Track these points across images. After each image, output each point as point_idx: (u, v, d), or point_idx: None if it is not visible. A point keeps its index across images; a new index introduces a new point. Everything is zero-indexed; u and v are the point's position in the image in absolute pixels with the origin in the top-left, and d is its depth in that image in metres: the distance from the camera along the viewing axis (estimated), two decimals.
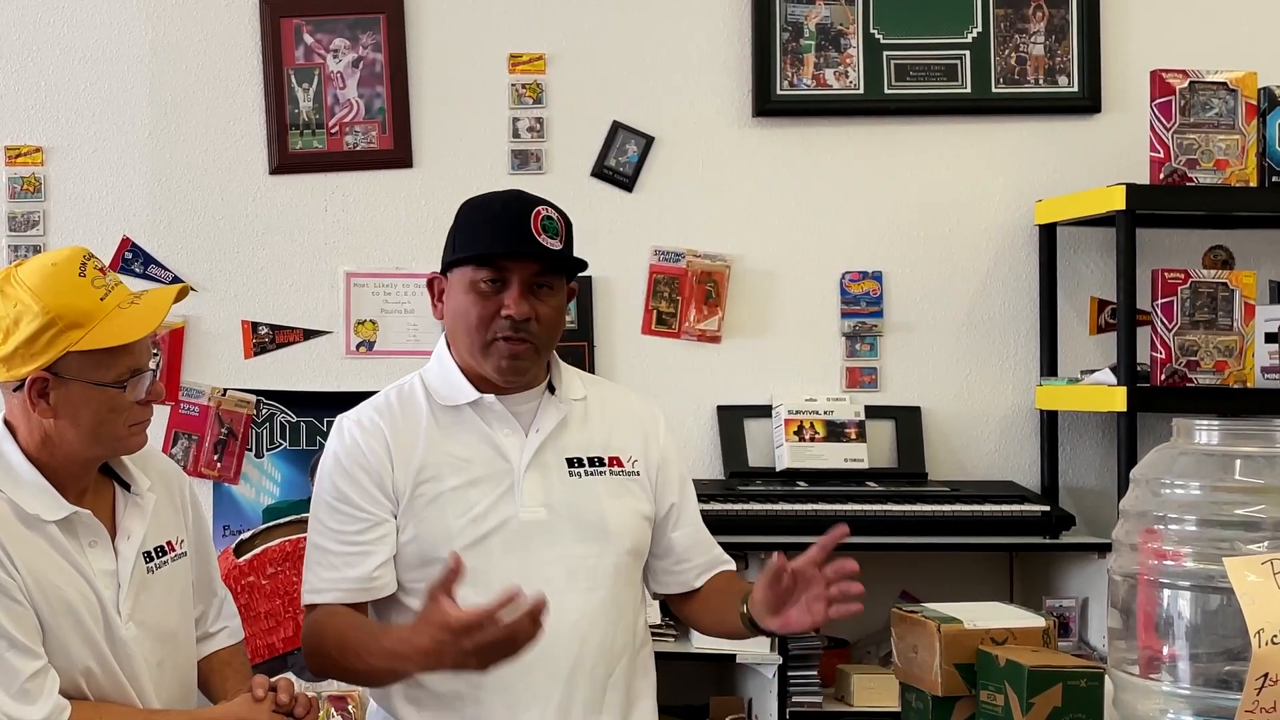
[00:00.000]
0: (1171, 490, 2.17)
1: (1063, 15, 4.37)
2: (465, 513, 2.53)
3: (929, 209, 4.38)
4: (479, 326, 2.53)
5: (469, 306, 2.54)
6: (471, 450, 2.56)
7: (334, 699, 3.87)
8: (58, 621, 2.33)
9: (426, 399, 2.61)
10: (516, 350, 2.53)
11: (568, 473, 2.58)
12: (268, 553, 3.98)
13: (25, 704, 2.27)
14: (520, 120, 4.34)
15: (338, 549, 2.55)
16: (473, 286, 2.53)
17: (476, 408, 2.58)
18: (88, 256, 2.38)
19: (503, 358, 2.53)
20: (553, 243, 2.52)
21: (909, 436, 4.30)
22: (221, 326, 4.29)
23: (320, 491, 2.60)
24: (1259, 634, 1.86)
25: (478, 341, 2.54)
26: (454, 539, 2.50)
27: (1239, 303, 3.94)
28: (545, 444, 2.58)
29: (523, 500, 2.54)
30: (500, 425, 2.57)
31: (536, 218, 2.52)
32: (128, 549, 2.43)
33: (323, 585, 2.56)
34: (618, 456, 2.63)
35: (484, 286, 2.52)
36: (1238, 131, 3.97)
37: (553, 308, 2.55)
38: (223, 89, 4.32)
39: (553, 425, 2.59)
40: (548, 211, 2.54)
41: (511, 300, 2.50)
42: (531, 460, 2.56)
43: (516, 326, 2.51)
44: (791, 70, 4.34)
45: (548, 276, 2.54)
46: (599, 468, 2.61)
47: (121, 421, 2.38)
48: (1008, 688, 2.12)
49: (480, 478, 2.55)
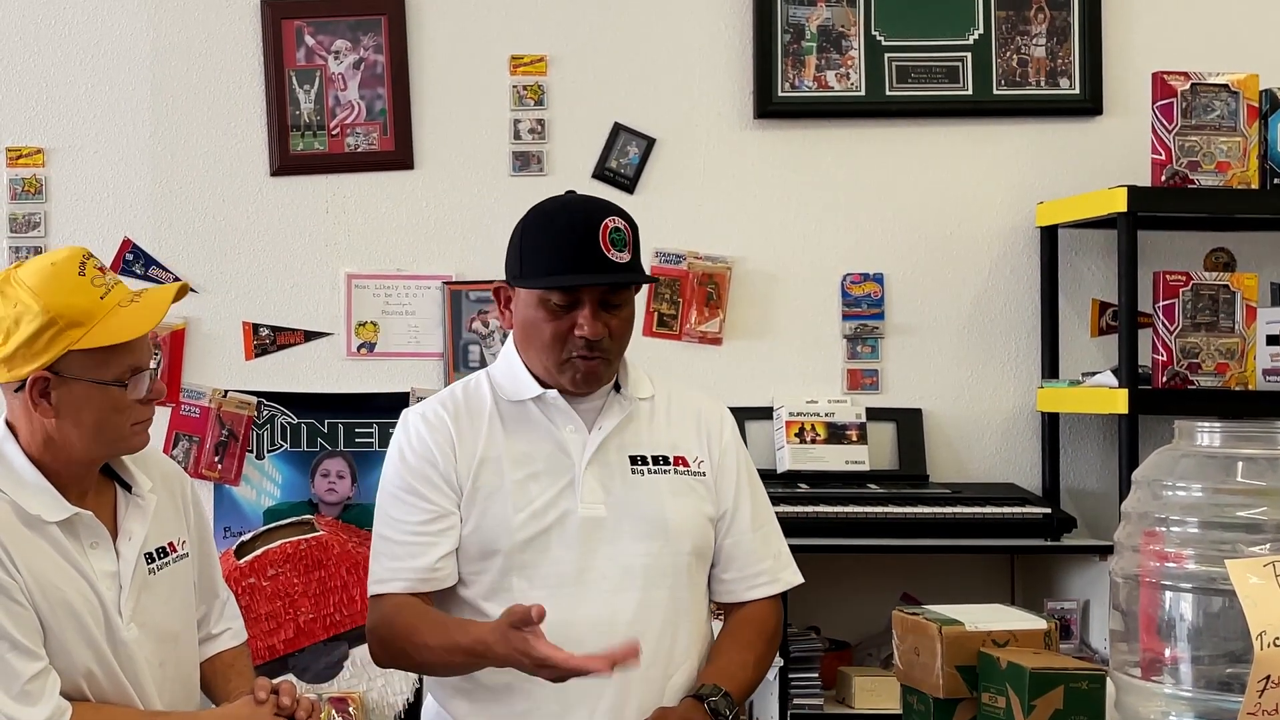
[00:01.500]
0: (1173, 492, 2.17)
1: (1064, 17, 4.37)
2: (525, 506, 2.53)
3: (930, 211, 4.38)
4: (552, 345, 2.53)
5: (540, 324, 2.53)
6: (533, 445, 2.57)
7: (335, 701, 3.87)
8: (59, 623, 2.33)
9: (492, 394, 2.61)
10: (592, 368, 2.53)
11: (630, 470, 2.58)
12: (268, 554, 3.98)
13: (26, 705, 2.27)
14: (521, 122, 4.34)
15: (402, 539, 2.55)
16: (543, 304, 2.52)
17: (540, 403, 2.58)
18: (87, 256, 2.38)
19: (578, 373, 2.54)
20: (621, 255, 2.51)
21: (910, 438, 4.30)
22: (222, 328, 4.29)
23: (385, 483, 2.61)
24: (1261, 636, 1.86)
25: (551, 359, 2.54)
26: (513, 532, 2.51)
27: (1240, 305, 3.94)
28: (608, 441, 2.58)
29: (582, 496, 2.54)
30: (564, 421, 2.58)
31: (604, 232, 2.50)
32: (129, 550, 2.43)
33: (387, 575, 2.56)
34: (683, 456, 2.62)
35: (555, 306, 2.51)
36: (1239, 134, 3.96)
37: (624, 319, 2.55)
38: (224, 90, 4.32)
39: (615, 423, 2.59)
40: (615, 223, 2.52)
41: (585, 320, 2.49)
42: (593, 457, 2.56)
43: (591, 345, 2.51)
44: (793, 72, 4.34)
45: (618, 291, 2.54)
46: (663, 466, 2.60)
47: (123, 420, 2.38)
48: (1009, 690, 2.12)
49: (541, 472, 2.55)
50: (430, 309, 4.31)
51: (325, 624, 3.96)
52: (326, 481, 4.29)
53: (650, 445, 2.61)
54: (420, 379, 4.31)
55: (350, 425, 4.29)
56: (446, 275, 4.32)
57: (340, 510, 4.28)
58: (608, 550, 2.53)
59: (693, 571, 2.60)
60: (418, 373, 4.31)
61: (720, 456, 2.66)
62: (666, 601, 2.55)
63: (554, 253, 2.51)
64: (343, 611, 3.96)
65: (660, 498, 2.58)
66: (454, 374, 4.28)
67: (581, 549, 2.52)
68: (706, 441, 2.66)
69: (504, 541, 2.51)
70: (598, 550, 2.53)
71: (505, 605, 2.44)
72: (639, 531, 2.55)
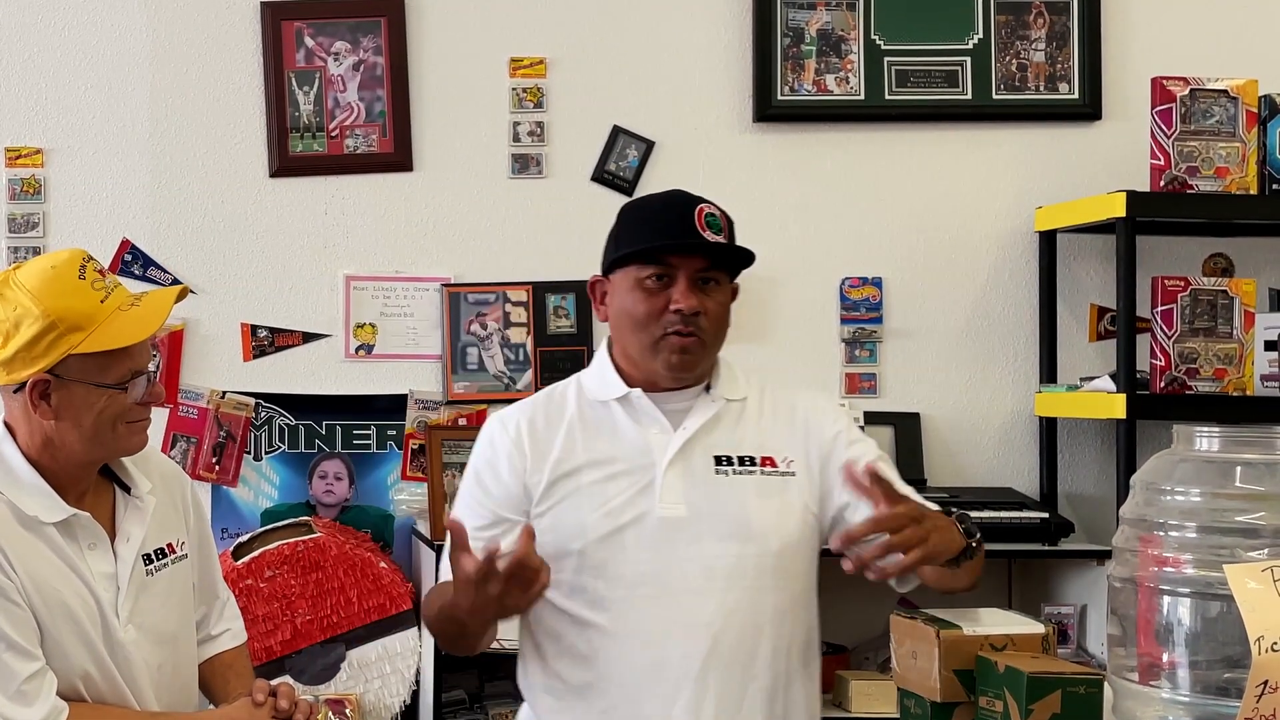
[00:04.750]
0: (1172, 497, 2.17)
1: (1064, 22, 4.37)
2: (601, 506, 2.52)
3: (929, 215, 4.38)
4: (647, 323, 2.52)
5: (636, 303, 2.53)
6: (614, 445, 2.56)
7: (332, 702, 3.87)
8: (56, 624, 2.33)
9: (577, 398, 2.61)
10: (686, 344, 2.52)
11: (714, 471, 2.55)
12: (266, 556, 3.98)
13: (23, 706, 2.27)
14: (521, 124, 4.34)
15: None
16: (639, 284, 2.52)
17: (624, 403, 2.57)
18: (87, 259, 2.38)
19: (673, 352, 2.52)
20: (717, 238, 2.52)
21: (908, 443, 4.29)
22: (221, 329, 4.29)
23: (463, 480, 2.65)
24: (1259, 641, 1.86)
25: (646, 339, 2.53)
26: (587, 532, 2.50)
27: (1239, 310, 3.94)
28: (693, 441, 2.55)
29: (661, 496, 2.52)
30: (648, 421, 2.57)
31: (700, 214, 2.52)
32: (127, 551, 2.42)
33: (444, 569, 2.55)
34: (771, 457, 2.58)
35: (650, 283, 2.51)
36: (1238, 139, 3.97)
37: (719, 303, 2.55)
38: (223, 92, 4.31)
39: (700, 423, 2.57)
40: (710, 208, 2.54)
41: (680, 294, 2.50)
42: (675, 457, 2.54)
43: (686, 320, 2.50)
44: (792, 75, 4.35)
45: (713, 271, 2.54)
46: (749, 467, 2.57)
47: (122, 422, 2.38)
48: (1007, 694, 2.12)
49: (620, 472, 2.54)
50: (429, 311, 4.31)
51: (322, 625, 3.95)
52: (324, 483, 4.29)
53: (736, 446, 2.58)
54: (418, 381, 4.31)
55: (348, 427, 4.29)
56: (445, 277, 4.32)
57: (338, 512, 4.28)
58: (688, 551, 2.51)
59: (780, 573, 2.56)
60: (416, 375, 4.31)
61: (827, 450, 2.60)
62: (748, 604, 2.52)
63: (648, 231, 2.53)
64: (340, 613, 3.96)
65: (744, 499, 2.55)
66: (452, 376, 4.28)
67: (660, 549, 2.50)
68: (805, 440, 2.61)
69: (579, 541, 2.50)
70: (677, 551, 2.51)
71: (584, 605, 2.47)
72: (721, 532, 2.52)
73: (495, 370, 4.31)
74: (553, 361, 4.31)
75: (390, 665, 3.97)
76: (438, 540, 3.92)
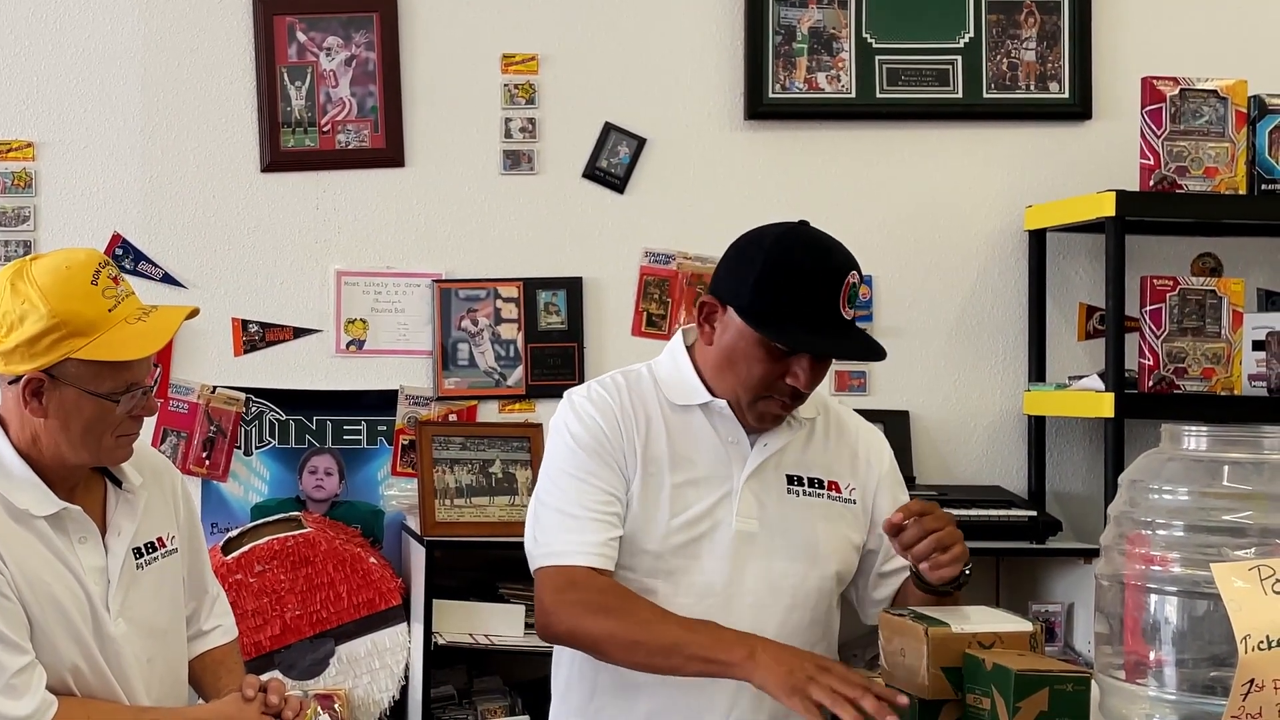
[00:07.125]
0: (1159, 495, 2.18)
1: (1054, 22, 4.38)
2: (681, 512, 2.52)
3: (919, 213, 4.39)
4: (759, 385, 2.49)
5: (753, 363, 2.47)
6: (696, 451, 2.55)
7: (321, 697, 3.87)
8: (45, 618, 2.33)
9: (655, 391, 2.58)
10: (783, 416, 2.53)
11: (786, 490, 2.57)
12: (255, 551, 3.98)
13: (11, 699, 2.26)
14: (512, 120, 4.34)
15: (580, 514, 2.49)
16: (763, 344, 2.46)
17: (706, 411, 2.56)
18: (104, 264, 2.36)
19: (771, 418, 2.53)
20: (858, 312, 2.49)
21: (897, 441, 4.27)
22: (211, 324, 4.28)
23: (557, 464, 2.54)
24: (1245, 640, 1.87)
25: (748, 395, 2.50)
26: (664, 537, 2.51)
27: (1227, 310, 3.96)
28: (769, 458, 2.56)
29: (738, 510, 2.53)
30: (728, 432, 2.55)
31: (846, 290, 2.45)
32: (118, 545, 2.42)
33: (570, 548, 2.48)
34: (836, 482, 2.60)
35: (776, 350, 2.46)
36: (1228, 139, 3.98)
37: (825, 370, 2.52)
38: (215, 86, 4.31)
39: (781, 443, 2.57)
40: (854, 277, 2.47)
41: (803, 373, 2.46)
42: (753, 472, 2.54)
43: (796, 396, 2.49)
44: (784, 73, 4.35)
45: None
46: (818, 490, 2.59)
47: (109, 432, 2.37)
48: (995, 691, 2.13)
49: (700, 480, 2.54)
50: (419, 307, 4.31)
51: (312, 620, 3.95)
52: (314, 478, 4.29)
53: (807, 467, 2.59)
54: (409, 377, 4.31)
55: (339, 422, 4.29)
56: (436, 273, 4.32)
57: (328, 507, 4.28)
58: (757, 567, 2.52)
59: (833, 595, 2.61)
60: (406, 370, 4.32)
61: (877, 486, 2.63)
62: (808, 622, 2.55)
63: (795, 306, 2.44)
64: (329, 608, 3.96)
65: (813, 521, 2.57)
66: (442, 372, 4.28)
67: (732, 563, 2.51)
68: (865, 470, 2.64)
69: (654, 544, 2.50)
70: (747, 566, 2.52)
71: None
72: (790, 552, 2.54)
73: (486, 366, 4.31)
74: (543, 358, 4.31)
75: (379, 660, 3.97)
76: (427, 536, 3.93)
